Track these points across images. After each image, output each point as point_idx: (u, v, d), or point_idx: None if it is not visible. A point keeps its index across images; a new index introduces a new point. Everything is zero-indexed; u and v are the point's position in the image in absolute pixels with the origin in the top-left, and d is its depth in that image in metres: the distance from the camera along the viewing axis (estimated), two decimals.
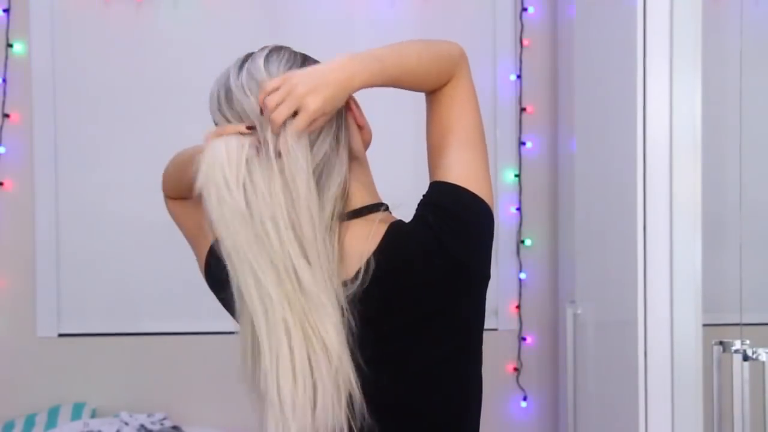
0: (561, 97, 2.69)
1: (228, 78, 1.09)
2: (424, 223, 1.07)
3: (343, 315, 1.01)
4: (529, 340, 2.81)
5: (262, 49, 1.12)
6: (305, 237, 1.00)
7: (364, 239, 1.06)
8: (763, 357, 1.71)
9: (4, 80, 2.71)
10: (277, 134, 1.03)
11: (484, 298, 1.13)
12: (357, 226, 1.08)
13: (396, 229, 1.08)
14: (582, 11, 2.37)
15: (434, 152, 1.15)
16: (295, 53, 1.13)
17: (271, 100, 1.02)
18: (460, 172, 1.10)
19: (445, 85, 1.16)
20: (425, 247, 1.06)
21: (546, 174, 2.81)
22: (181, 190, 1.25)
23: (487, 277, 1.12)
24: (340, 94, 1.05)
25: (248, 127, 1.05)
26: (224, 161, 1.00)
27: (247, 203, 1.00)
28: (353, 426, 1.01)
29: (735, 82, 1.90)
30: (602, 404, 2.18)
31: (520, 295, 2.81)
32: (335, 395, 0.99)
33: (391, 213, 1.14)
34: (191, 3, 2.76)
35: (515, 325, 2.81)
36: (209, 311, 2.60)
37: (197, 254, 1.25)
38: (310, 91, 1.03)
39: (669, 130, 1.83)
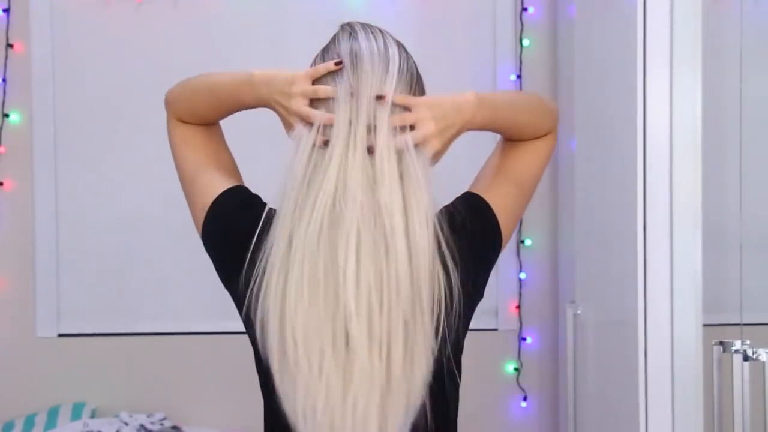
0: (561, 97, 2.69)
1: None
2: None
3: None
4: (529, 340, 2.80)
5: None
6: None
7: None
8: (763, 357, 1.71)
9: (4, 80, 2.71)
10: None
11: None
12: None
13: None
14: (582, 11, 2.37)
15: (488, 169, 1.20)
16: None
17: (400, 120, 1.04)
18: (498, 201, 1.14)
19: (534, 138, 1.21)
20: None
21: (546, 174, 2.79)
22: (204, 115, 1.19)
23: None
24: (455, 137, 1.08)
25: (336, 63, 1.09)
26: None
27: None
28: None
29: (735, 82, 1.90)
30: (602, 404, 2.18)
31: (520, 295, 2.80)
32: None
33: None
34: (191, 3, 2.75)
35: (515, 325, 2.80)
36: (209, 311, 2.64)
37: (193, 193, 1.16)
38: (438, 133, 1.05)
39: (669, 130, 1.83)
